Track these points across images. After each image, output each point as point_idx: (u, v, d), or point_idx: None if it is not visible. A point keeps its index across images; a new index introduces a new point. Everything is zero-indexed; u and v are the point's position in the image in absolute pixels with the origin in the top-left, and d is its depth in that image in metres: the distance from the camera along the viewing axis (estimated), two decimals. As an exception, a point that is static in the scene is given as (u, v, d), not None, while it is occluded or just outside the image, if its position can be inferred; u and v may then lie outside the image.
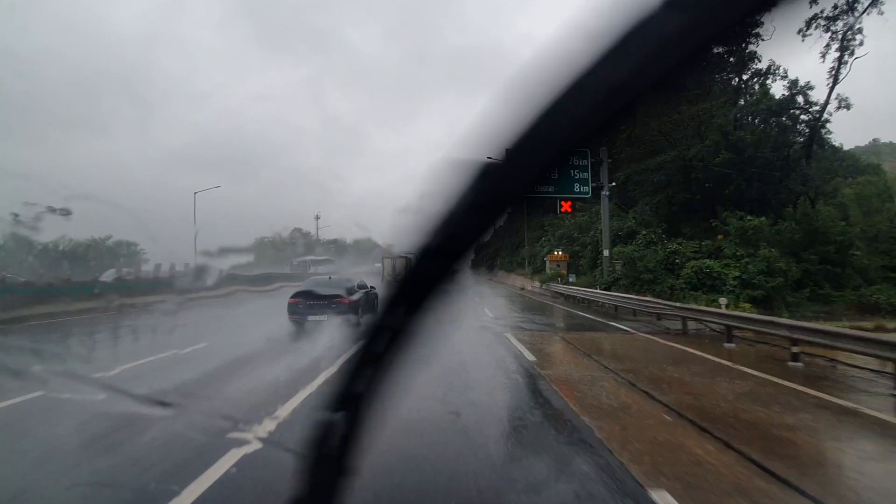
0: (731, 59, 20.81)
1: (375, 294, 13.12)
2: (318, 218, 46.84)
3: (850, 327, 9.62)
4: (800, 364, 7.48)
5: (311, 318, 10.36)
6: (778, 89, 24.19)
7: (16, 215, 12.54)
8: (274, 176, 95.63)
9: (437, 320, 0.65)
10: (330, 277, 13.45)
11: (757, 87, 25.11)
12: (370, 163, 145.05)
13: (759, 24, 0.50)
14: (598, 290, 18.64)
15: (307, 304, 10.44)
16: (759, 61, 22.59)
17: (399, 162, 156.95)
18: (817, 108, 23.12)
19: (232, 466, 3.40)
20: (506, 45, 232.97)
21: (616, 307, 15.55)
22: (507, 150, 0.56)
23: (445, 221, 0.59)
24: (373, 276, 18.42)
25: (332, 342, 8.44)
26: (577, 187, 19.42)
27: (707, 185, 22.43)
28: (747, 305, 15.69)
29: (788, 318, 10.56)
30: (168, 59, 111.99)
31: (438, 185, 0.59)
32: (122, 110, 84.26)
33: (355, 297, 11.22)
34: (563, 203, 20.03)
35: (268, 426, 4.30)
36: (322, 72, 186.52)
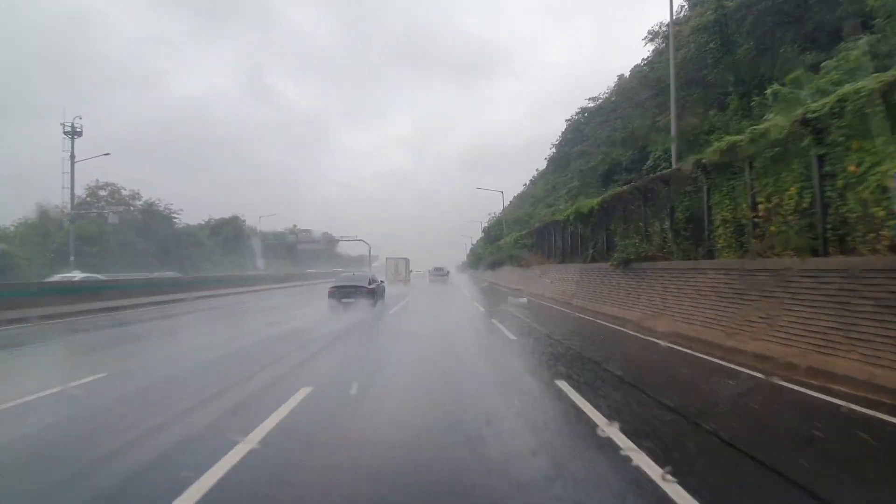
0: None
1: (384, 286, 19.09)
2: (72, 157, 28.81)
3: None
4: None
5: (344, 300, 15.04)
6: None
7: None
8: (229, 166, 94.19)
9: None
10: (354, 274, 19.41)
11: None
12: (327, 154, 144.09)
13: None
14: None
15: (341, 290, 15.37)
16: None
17: (358, 155, 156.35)
18: None
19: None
20: (465, 23, 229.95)
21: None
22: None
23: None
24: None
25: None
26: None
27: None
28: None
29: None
30: (108, 41, 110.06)
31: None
32: (54, 95, 77.70)
33: (372, 286, 16.06)
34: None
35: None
36: (269, 56, 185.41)
